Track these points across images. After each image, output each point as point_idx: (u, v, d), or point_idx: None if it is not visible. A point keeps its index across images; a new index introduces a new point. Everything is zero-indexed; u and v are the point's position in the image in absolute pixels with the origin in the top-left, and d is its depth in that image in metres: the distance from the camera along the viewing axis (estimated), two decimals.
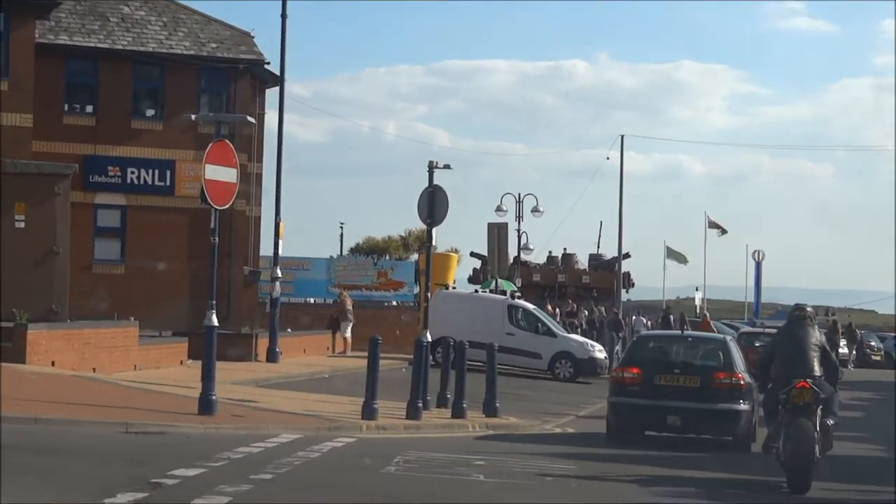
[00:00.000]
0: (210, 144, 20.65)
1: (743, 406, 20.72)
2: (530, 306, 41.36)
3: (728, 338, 23.60)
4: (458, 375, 24.46)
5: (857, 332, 61.77)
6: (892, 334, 67.93)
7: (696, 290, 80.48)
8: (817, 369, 15.54)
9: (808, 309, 16.52)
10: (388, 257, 67.22)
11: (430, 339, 24.34)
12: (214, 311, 20.10)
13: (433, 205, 24.70)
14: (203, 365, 19.89)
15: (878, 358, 62.55)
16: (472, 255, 67.87)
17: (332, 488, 13.37)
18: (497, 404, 24.64)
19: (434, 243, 28.57)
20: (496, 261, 46.12)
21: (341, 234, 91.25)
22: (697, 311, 74.11)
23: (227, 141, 21.16)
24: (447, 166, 26.54)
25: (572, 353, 39.15)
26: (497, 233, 46.24)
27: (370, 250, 70.92)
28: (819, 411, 15.20)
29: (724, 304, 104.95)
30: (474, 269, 68.18)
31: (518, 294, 47.00)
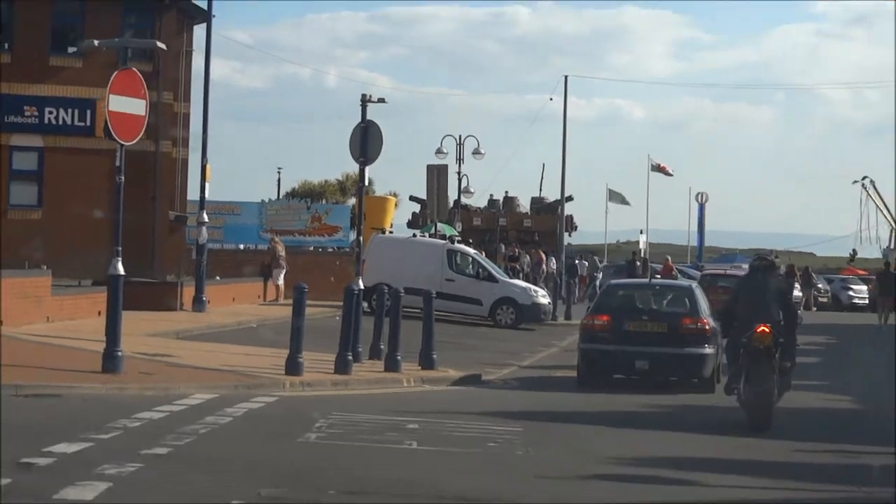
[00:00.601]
0: (115, 73, 18.60)
1: (708, 350, 21.39)
2: (471, 251, 39.62)
3: (693, 284, 24.23)
4: (392, 325, 22.66)
5: (814, 276, 60.55)
6: (840, 276, 66.81)
7: (641, 232, 79.19)
8: (777, 315, 16.14)
9: (769, 258, 17.39)
10: (324, 202, 65.26)
11: (362, 286, 22.56)
12: (120, 259, 18.18)
13: (366, 142, 22.87)
14: (107, 317, 17.97)
15: (824, 300, 61.35)
16: (412, 199, 66.08)
17: (236, 464, 11.38)
18: (434, 356, 22.89)
19: (370, 185, 26.72)
20: (436, 204, 44.33)
21: (279, 180, 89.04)
22: (642, 253, 72.74)
23: (134, 69, 19.07)
24: (381, 100, 24.70)
25: (514, 299, 37.47)
26: (437, 175, 44.41)
27: (306, 195, 68.85)
28: (777, 355, 15.88)
29: (665, 248, 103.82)
30: (413, 214, 66.47)
31: (458, 238, 45.25)
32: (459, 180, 56.19)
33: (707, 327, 21.22)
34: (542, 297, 38.20)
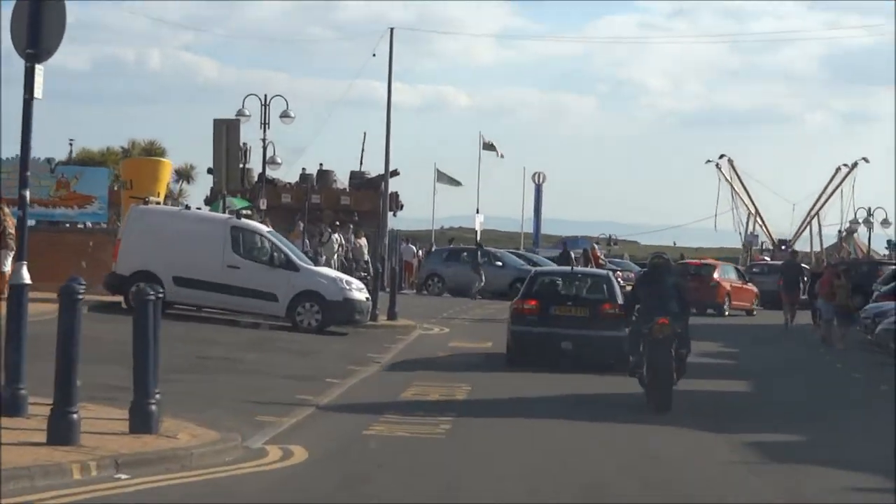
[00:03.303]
0: None
1: (625, 333, 20.89)
2: (263, 228, 29.77)
3: (610, 273, 27.00)
4: (141, 345, 12.74)
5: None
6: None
7: (477, 212, 70.22)
8: (674, 307, 17.87)
9: (666, 256, 19.86)
10: None
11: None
12: None
13: (38, 24, 12.91)
14: None
15: None
16: (210, 171, 55.58)
17: None
18: (153, 406, 12.77)
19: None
20: (224, 169, 34.34)
21: (70, 152, 77.70)
22: (478, 237, 63.91)
23: None
24: None
25: (320, 293, 27.81)
26: (226, 132, 34.35)
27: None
28: (675, 343, 17.67)
29: (500, 235, 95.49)
30: (212, 190, 56.16)
31: (247, 213, 35.36)
32: (265, 149, 46.63)
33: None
34: (358, 290, 28.57)
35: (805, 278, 37.21)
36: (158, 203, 30.42)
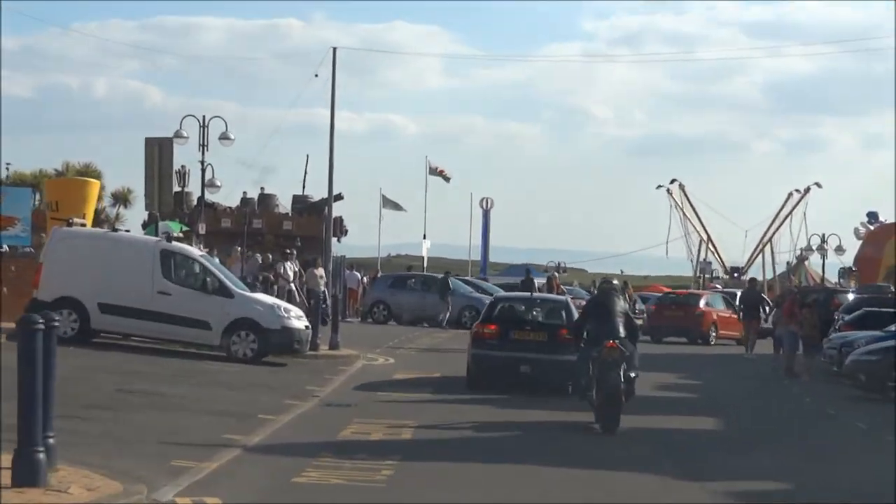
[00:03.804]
0: None
1: None
2: (196, 252, 27.97)
3: (568, 298, 27.11)
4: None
5: (632, 292, 50.85)
6: (657, 294, 57.09)
7: (424, 237, 68.55)
8: (622, 331, 18.34)
9: (614, 281, 20.12)
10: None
11: None
12: None
13: None
14: None
15: (639, 322, 50.91)
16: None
17: None
18: (40, 455, 10.83)
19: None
20: (156, 189, 32.53)
21: (6, 177, 75.38)
22: (424, 263, 62.25)
23: None
24: None
25: (256, 321, 26.02)
26: (157, 151, 32.58)
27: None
28: (624, 365, 18.03)
29: (446, 263, 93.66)
30: (150, 214, 54.10)
31: (179, 236, 33.47)
32: (203, 171, 44.62)
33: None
34: (297, 318, 26.77)
35: (766, 307, 35.73)
36: (84, 225, 28.48)
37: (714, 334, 43.16)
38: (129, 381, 20.62)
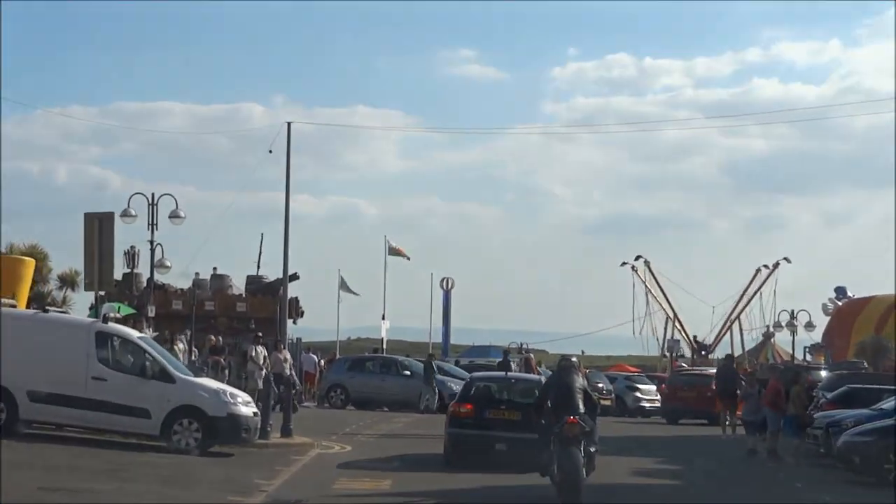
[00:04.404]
0: None
1: None
2: (134, 334, 25.88)
3: (542, 378, 26.69)
4: None
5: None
6: (624, 374, 55.29)
7: (383, 318, 66.64)
8: (581, 408, 18.43)
9: (573, 359, 20.21)
10: None
11: None
12: None
13: None
14: None
15: (607, 403, 48.80)
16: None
17: None
18: None
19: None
20: (96, 268, 30.66)
21: None
22: (384, 344, 60.27)
23: None
24: None
25: (200, 408, 23.98)
26: (98, 227, 30.76)
27: None
28: (584, 441, 18.12)
29: (405, 346, 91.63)
30: (97, 296, 51.98)
31: (117, 316, 31.43)
32: (153, 251, 42.60)
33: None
34: (245, 404, 24.74)
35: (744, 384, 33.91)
36: (14, 306, 26.43)
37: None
38: (54, 478, 18.56)
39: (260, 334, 42.38)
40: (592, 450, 18.58)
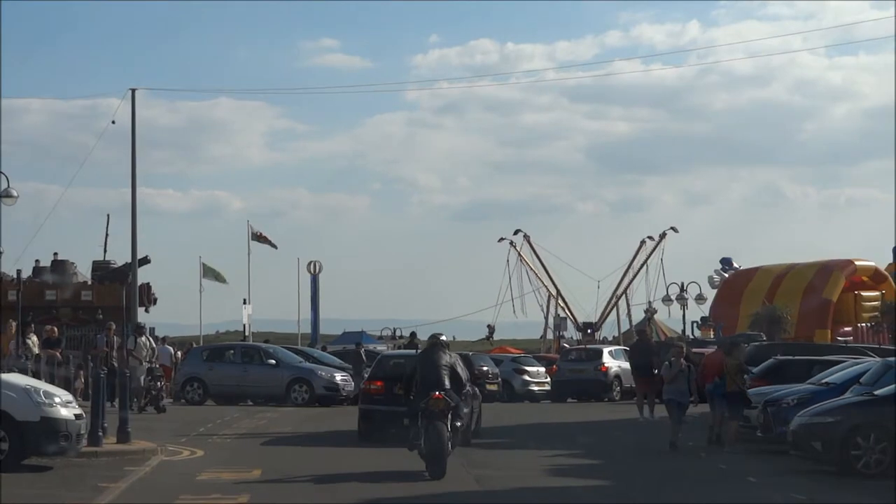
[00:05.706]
0: None
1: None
2: None
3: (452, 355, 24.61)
4: None
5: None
6: (511, 356, 50.96)
7: (245, 302, 61.78)
8: (447, 384, 19.17)
9: (441, 337, 20.26)
10: None
11: None
12: None
13: None
14: None
15: (493, 388, 44.28)
16: None
17: None
18: None
19: None
20: None
21: None
22: (247, 330, 55.48)
23: None
24: None
25: (6, 412, 19.00)
26: None
27: None
28: (450, 416, 18.86)
29: (274, 337, 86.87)
30: None
31: None
32: None
33: (465, 390, 21.19)
34: (64, 405, 19.77)
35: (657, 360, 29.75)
36: None
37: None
38: None
39: (141, 323, 38.00)
40: (458, 424, 19.33)
